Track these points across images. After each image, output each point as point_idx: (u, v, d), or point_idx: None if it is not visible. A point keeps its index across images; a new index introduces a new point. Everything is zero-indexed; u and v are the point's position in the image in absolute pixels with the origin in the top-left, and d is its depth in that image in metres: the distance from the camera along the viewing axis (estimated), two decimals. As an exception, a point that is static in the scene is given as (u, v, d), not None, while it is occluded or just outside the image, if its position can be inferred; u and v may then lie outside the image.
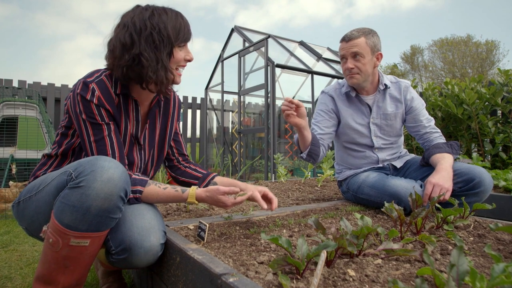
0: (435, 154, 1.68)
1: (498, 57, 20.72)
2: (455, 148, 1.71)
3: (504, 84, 3.39)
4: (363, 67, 1.74)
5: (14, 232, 2.41)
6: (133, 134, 1.27)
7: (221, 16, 60.10)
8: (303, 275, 0.84)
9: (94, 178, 0.94)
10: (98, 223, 0.96)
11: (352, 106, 1.90)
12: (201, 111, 6.76)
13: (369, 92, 1.88)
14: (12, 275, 1.60)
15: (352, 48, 1.73)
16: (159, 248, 1.07)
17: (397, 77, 1.97)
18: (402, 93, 1.87)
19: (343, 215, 1.61)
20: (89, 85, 1.12)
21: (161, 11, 1.17)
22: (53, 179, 1.05)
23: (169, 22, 1.17)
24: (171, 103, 1.45)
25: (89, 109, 1.12)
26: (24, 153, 3.83)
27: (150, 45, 1.13)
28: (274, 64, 4.53)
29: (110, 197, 0.95)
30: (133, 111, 1.26)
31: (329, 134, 1.90)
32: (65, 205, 0.94)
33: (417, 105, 1.87)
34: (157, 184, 1.20)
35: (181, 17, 1.22)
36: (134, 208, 1.13)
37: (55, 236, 0.96)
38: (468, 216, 1.38)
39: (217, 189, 1.20)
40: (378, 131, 1.89)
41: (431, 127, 1.87)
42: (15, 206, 1.16)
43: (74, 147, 1.24)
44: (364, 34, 1.73)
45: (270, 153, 4.48)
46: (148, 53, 1.13)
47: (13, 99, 4.20)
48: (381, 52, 1.78)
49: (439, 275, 0.68)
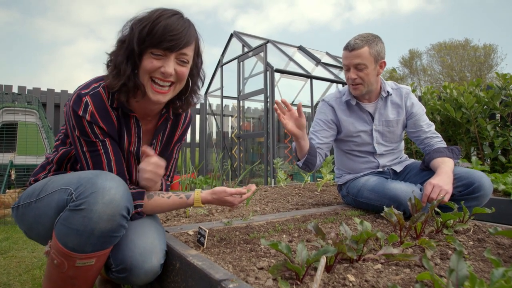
0: (436, 158, 1.69)
1: (496, 61, 20.83)
2: (456, 152, 1.71)
3: (502, 87, 3.41)
4: (366, 77, 1.73)
5: (13, 238, 2.40)
6: (134, 152, 1.19)
7: (221, 20, 60.37)
8: (303, 281, 0.83)
9: (95, 200, 0.90)
10: (103, 243, 0.94)
11: (353, 115, 1.90)
12: (200, 116, 6.76)
13: (371, 99, 1.88)
14: (11, 281, 1.59)
15: (355, 59, 1.71)
16: (159, 268, 1.06)
17: (396, 82, 1.98)
18: (403, 99, 1.88)
19: (342, 220, 1.61)
20: (82, 98, 1.03)
21: (147, 16, 1.04)
22: (53, 191, 1.01)
23: (148, 22, 1.02)
24: (180, 123, 1.32)
25: (81, 126, 1.04)
26: (23, 159, 3.83)
27: (121, 46, 1.05)
28: (273, 69, 4.54)
29: (113, 218, 0.92)
30: (135, 127, 1.17)
31: (327, 144, 1.91)
32: (68, 229, 0.92)
33: (418, 110, 1.88)
34: (160, 194, 1.18)
35: (166, 19, 1.03)
36: (136, 224, 1.09)
37: (60, 258, 0.94)
38: (467, 220, 1.38)
39: (224, 191, 1.19)
40: (380, 138, 1.90)
41: (432, 131, 1.87)
42: (14, 209, 1.14)
43: (70, 156, 1.19)
44: (368, 43, 1.70)
45: (270, 157, 4.48)
46: (117, 55, 1.05)
47: (12, 105, 4.21)
48: (385, 60, 1.77)
49: (438, 280, 0.68)
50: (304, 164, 1.74)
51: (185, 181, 2.68)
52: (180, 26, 1.04)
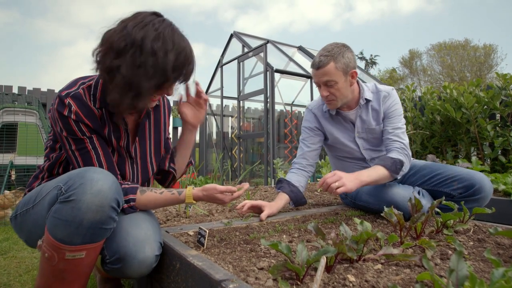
0: (376, 164, 1.63)
1: (496, 61, 20.86)
2: (397, 166, 1.61)
3: (502, 87, 3.41)
4: (337, 92, 1.67)
5: (13, 239, 2.41)
6: (124, 147, 1.22)
7: (221, 21, 60.42)
8: (303, 281, 0.83)
9: (84, 191, 0.92)
10: (92, 235, 0.95)
11: (336, 123, 1.88)
12: (200, 116, 6.75)
13: (351, 107, 1.82)
14: (11, 282, 1.59)
15: (322, 77, 1.65)
16: (154, 259, 1.06)
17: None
18: (381, 103, 1.79)
19: (342, 220, 1.61)
20: (64, 100, 1.06)
21: (168, 37, 1.02)
22: (47, 192, 1.04)
23: (171, 54, 1.02)
24: (161, 110, 1.36)
25: (68, 125, 1.07)
26: (23, 159, 3.83)
27: (136, 67, 1.00)
28: (273, 69, 4.55)
29: (101, 209, 0.94)
30: (122, 123, 1.19)
31: (316, 151, 1.93)
32: (57, 220, 0.93)
33: (389, 113, 1.78)
34: (153, 189, 1.19)
35: (185, 54, 1.06)
36: (131, 217, 1.11)
37: (50, 250, 0.96)
38: (467, 221, 1.38)
39: (214, 188, 1.21)
40: (366, 144, 1.86)
41: (394, 134, 1.74)
42: (13, 220, 1.16)
43: (62, 160, 1.21)
44: (333, 58, 1.62)
45: (270, 158, 4.48)
46: (128, 73, 1.00)
47: (13, 105, 4.21)
48: (355, 70, 1.69)
49: (438, 280, 0.68)
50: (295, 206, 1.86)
51: (185, 181, 2.68)
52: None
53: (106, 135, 1.15)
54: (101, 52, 1.03)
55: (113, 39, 1.01)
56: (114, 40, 1.00)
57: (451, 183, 1.65)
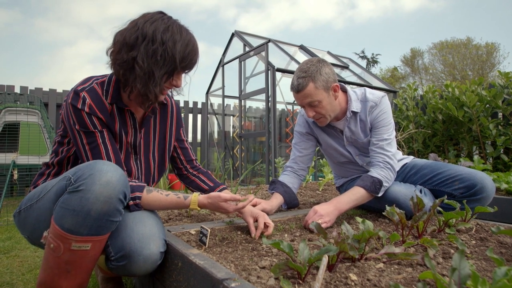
0: (356, 185, 1.60)
1: (499, 59, 20.78)
2: (377, 186, 1.58)
3: (505, 86, 3.40)
4: (323, 110, 1.64)
5: (16, 238, 2.42)
6: (131, 143, 1.27)
7: (222, 19, 60.41)
8: (305, 280, 0.83)
9: (93, 181, 0.94)
10: (99, 226, 0.96)
11: (327, 131, 1.86)
12: (202, 115, 6.76)
13: (339, 117, 1.78)
14: (14, 281, 1.60)
15: (304, 99, 1.61)
16: (159, 256, 1.06)
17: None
18: (367, 114, 1.74)
19: (344, 219, 1.61)
20: (79, 93, 1.12)
21: (176, 30, 1.12)
22: (53, 185, 1.06)
23: (179, 44, 1.12)
24: (169, 110, 1.42)
25: (81, 118, 1.12)
26: (26, 159, 3.84)
27: (150, 57, 1.09)
28: (275, 69, 4.54)
29: (109, 200, 0.95)
30: (130, 119, 1.26)
31: (308, 156, 1.92)
32: (65, 210, 0.94)
33: (376, 123, 1.73)
34: (159, 191, 1.19)
35: (192, 45, 1.16)
36: (135, 214, 1.12)
37: (56, 241, 0.96)
38: (470, 219, 1.38)
39: (219, 196, 1.21)
40: (357, 151, 1.84)
41: (379, 146, 1.69)
42: (16, 216, 1.17)
43: (70, 155, 1.24)
44: (311, 77, 1.57)
45: (271, 157, 4.48)
46: (144, 63, 1.09)
47: (15, 105, 4.22)
48: (336, 83, 1.64)
49: (440, 279, 0.68)
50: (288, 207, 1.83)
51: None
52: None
53: (117, 130, 1.21)
54: (115, 50, 1.12)
55: (125, 35, 1.10)
56: (127, 36, 1.10)
57: (452, 183, 1.64)
